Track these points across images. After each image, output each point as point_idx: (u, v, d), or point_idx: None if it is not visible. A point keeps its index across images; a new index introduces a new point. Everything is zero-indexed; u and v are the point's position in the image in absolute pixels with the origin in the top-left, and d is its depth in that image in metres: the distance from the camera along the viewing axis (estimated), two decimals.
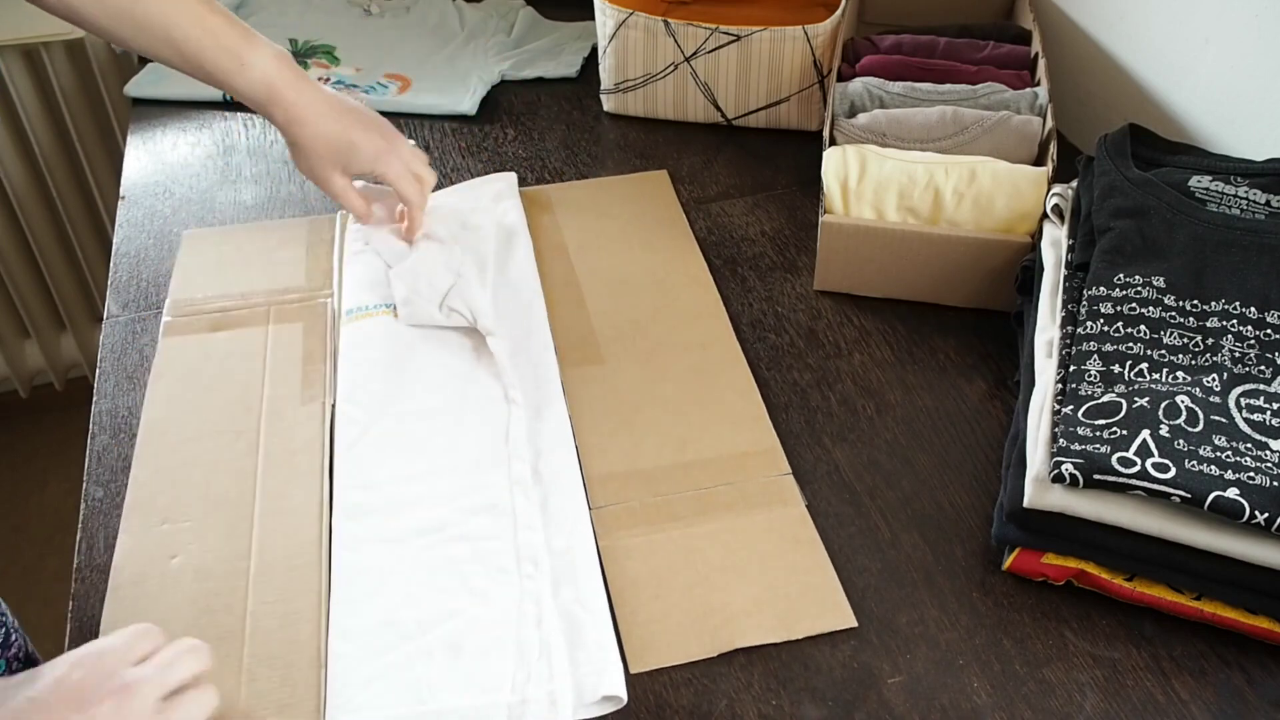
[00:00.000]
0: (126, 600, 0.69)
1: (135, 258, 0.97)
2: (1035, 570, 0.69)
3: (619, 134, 1.13)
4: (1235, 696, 0.64)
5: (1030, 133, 0.91)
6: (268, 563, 0.71)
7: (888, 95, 0.96)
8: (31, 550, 0.86)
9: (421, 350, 0.84)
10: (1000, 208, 0.85)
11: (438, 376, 0.82)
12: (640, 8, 1.08)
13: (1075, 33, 1.09)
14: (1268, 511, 0.59)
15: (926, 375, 0.85)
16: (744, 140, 1.12)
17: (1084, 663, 0.66)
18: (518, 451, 0.75)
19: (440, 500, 0.73)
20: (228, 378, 0.83)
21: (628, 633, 0.67)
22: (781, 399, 0.83)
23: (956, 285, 0.89)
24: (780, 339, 0.88)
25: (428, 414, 0.79)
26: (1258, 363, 0.68)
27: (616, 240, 0.98)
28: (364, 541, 0.71)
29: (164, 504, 0.74)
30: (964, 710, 0.63)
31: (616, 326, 0.88)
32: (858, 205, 0.88)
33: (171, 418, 0.80)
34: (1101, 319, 0.71)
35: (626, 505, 0.74)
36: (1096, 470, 0.62)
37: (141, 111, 1.17)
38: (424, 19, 1.31)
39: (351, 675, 0.64)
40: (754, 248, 0.98)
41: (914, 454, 0.79)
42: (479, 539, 0.71)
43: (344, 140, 0.84)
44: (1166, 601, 0.66)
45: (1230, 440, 0.63)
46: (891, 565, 0.71)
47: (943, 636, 0.67)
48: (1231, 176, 0.77)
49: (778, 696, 0.64)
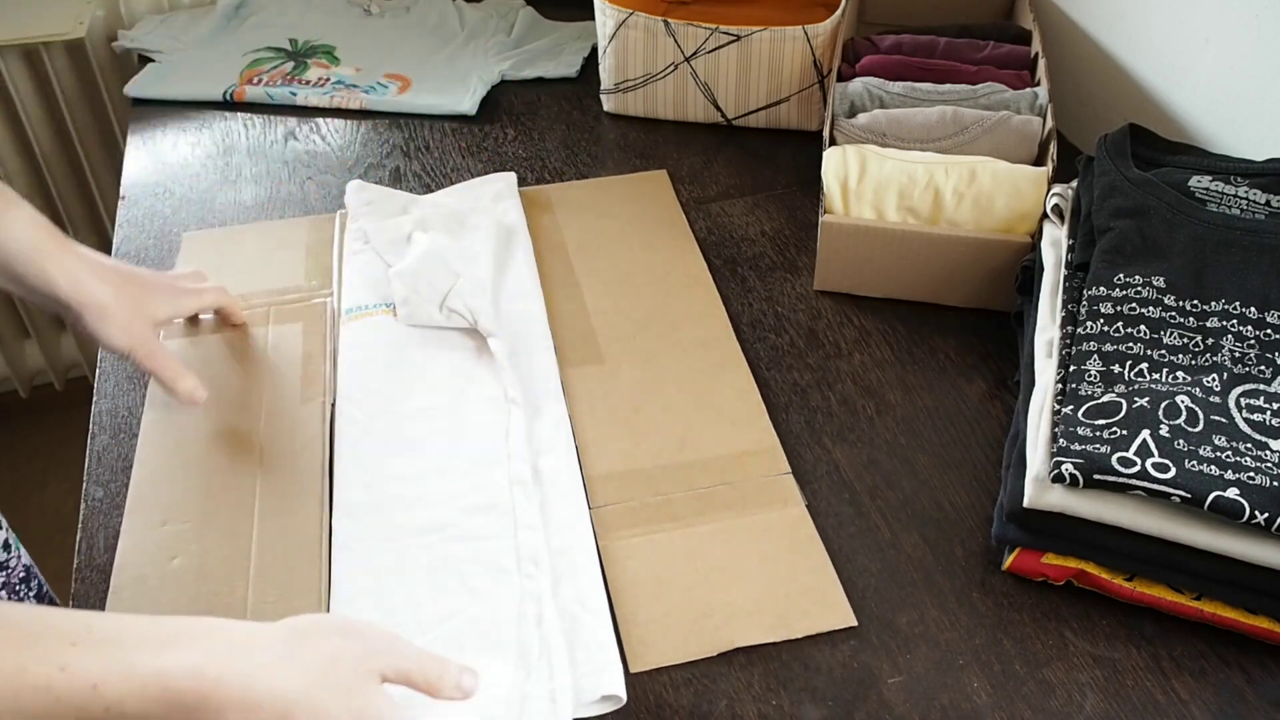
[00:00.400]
0: (127, 600, 0.69)
1: (135, 258, 0.97)
2: (1035, 570, 0.69)
3: (619, 134, 1.13)
4: (1235, 696, 0.64)
5: (1030, 133, 0.91)
6: (268, 563, 0.71)
7: (888, 95, 0.96)
8: (31, 550, 0.86)
9: (421, 350, 0.84)
10: (1000, 208, 0.85)
11: (437, 376, 0.82)
12: (640, 8, 1.08)
13: (1075, 33, 1.09)
14: (1268, 511, 0.59)
15: (926, 375, 0.85)
16: (744, 140, 1.12)
17: (1084, 663, 0.66)
18: (517, 451, 0.75)
19: (440, 500, 0.73)
20: (228, 378, 0.83)
21: (628, 632, 0.67)
22: (781, 399, 0.83)
23: (956, 285, 0.89)
24: (780, 339, 0.88)
25: (427, 413, 0.79)
26: (1258, 363, 0.68)
27: (616, 240, 0.98)
28: (364, 541, 0.71)
29: (164, 504, 0.74)
30: (964, 710, 0.63)
31: (616, 326, 0.88)
32: (858, 205, 0.88)
33: (172, 418, 0.80)
34: (1101, 319, 0.71)
35: (627, 505, 0.74)
36: (1096, 470, 0.62)
37: (141, 111, 1.17)
38: (424, 19, 1.31)
39: None
40: (754, 248, 0.98)
41: (914, 454, 0.79)
42: (479, 539, 0.71)
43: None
44: (1166, 601, 0.66)
45: (1230, 440, 0.63)
46: (891, 565, 0.71)
47: (943, 636, 0.67)
48: (1231, 176, 0.77)
49: (778, 696, 0.64)
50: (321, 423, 0.80)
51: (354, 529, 0.72)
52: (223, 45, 1.27)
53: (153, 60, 1.24)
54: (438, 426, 0.78)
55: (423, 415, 0.79)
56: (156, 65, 1.23)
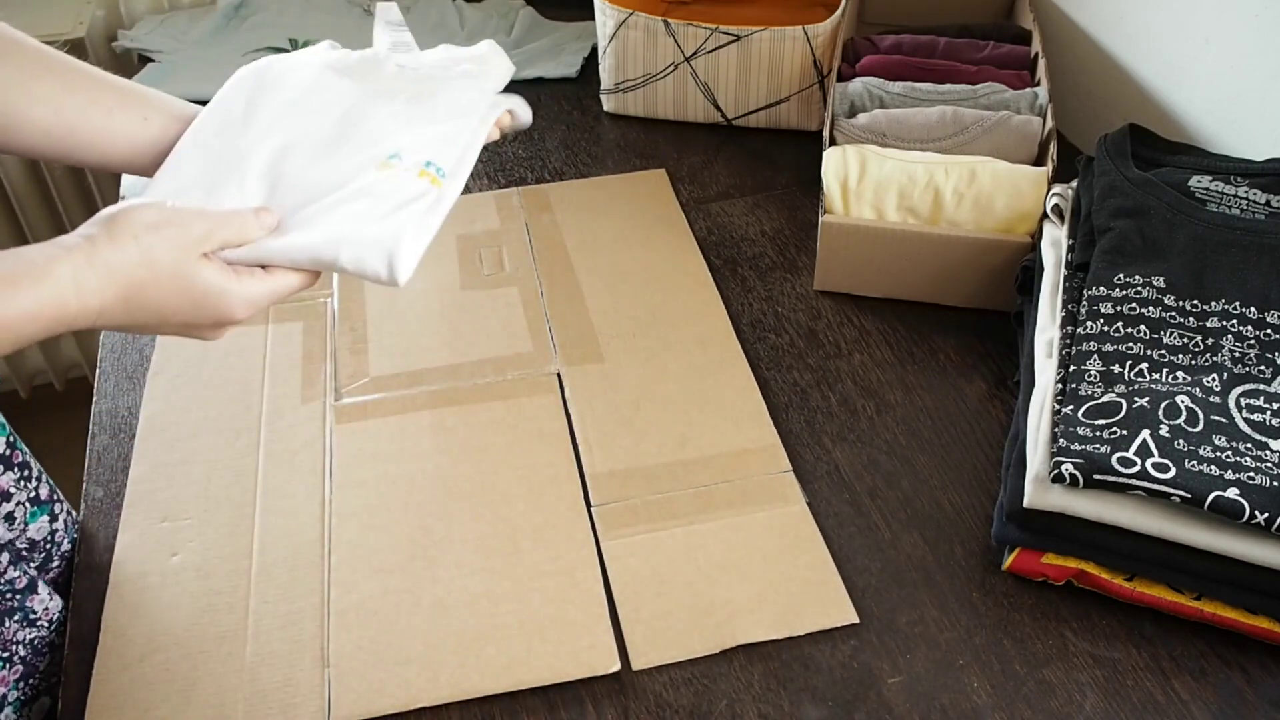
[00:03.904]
0: (127, 597, 0.69)
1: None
2: (1035, 570, 0.69)
3: (619, 134, 1.13)
4: (1235, 696, 0.64)
5: (1030, 133, 0.91)
6: (269, 561, 0.71)
7: (888, 95, 0.96)
8: None
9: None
10: (1000, 208, 0.85)
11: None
12: (640, 8, 1.08)
13: (1075, 33, 1.09)
14: (1268, 511, 0.59)
15: (926, 375, 0.85)
16: (744, 140, 1.12)
17: (1084, 663, 0.66)
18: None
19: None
20: (227, 376, 0.83)
21: (629, 630, 0.67)
22: (781, 399, 0.83)
23: (956, 285, 0.89)
24: (780, 339, 0.88)
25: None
26: (1258, 363, 0.68)
27: (616, 239, 0.98)
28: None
29: (164, 500, 0.74)
30: (964, 710, 0.63)
31: (616, 325, 0.88)
32: (858, 205, 0.88)
33: (170, 414, 0.80)
34: (1101, 319, 0.71)
35: (627, 503, 0.74)
36: (1096, 470, 0.62)
37: None
38: (424, 19, 1.31)
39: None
40: (754, 248, 0.98)
41: (914, 454, 0.79)
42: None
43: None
44: (1166, 601, 0.66)
45: (1230, 440, 0.63)
46: (891, 565, 0.71)
47: (943, 636, 0.67)
48: (1231, 176, 0.77)
49: (778, 696, 0.64)
50: (321, 423, 0.80)
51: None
52: (223, 45, 1.27)
53: (153, 60, 1.24)
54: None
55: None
56: (156, 65, 1.23)
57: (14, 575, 0.69)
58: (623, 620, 0.67)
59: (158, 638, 0.67)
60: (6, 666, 0.70)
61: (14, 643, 0.70)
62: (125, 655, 0.66)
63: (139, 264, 0.54)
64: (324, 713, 0.63)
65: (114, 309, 0.54)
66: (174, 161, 0.64)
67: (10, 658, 0.70)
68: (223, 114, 0.67)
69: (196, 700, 0.64)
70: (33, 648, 0.71)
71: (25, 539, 0.76)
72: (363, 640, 0.66)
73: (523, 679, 0.65)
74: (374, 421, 0.80)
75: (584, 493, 0.75)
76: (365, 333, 0.88)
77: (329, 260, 0.60)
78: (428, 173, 0.64)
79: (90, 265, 0.52)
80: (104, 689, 0.64)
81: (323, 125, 0.66)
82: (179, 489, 0.75)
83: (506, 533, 0.73)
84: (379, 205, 0.62)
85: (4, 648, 0.70)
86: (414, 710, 0.64)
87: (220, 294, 0.56)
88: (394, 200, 0.62)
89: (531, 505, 0.74)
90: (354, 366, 0.85)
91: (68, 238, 0.54)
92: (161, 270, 0.54)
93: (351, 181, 0.63)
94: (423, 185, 0.63)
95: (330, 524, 0.73)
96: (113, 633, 0.67)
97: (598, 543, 0.72)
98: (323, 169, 0.64)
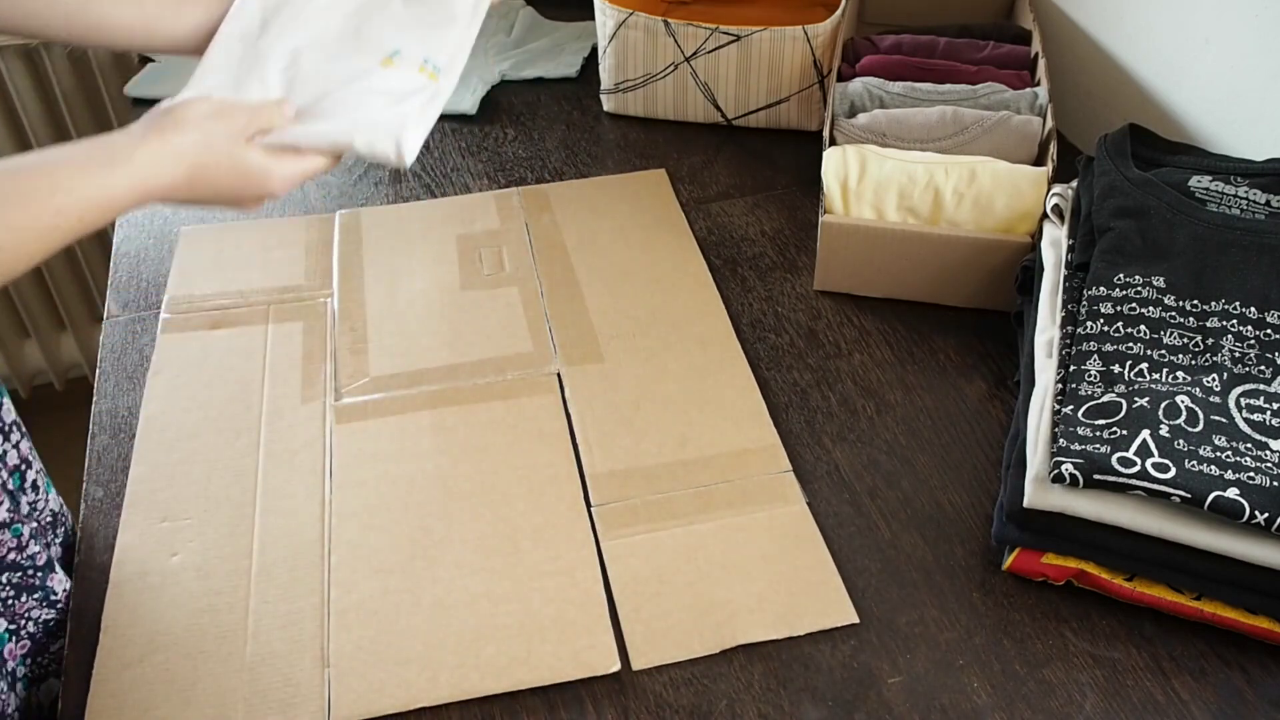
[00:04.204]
0: (127, 597, 0.69)
1: (135, 258, 0.97)
2: (1035, 570, 0.69)
3: (619, 134, 1.13)
4: (1235, 696, 0.64)
5: (1030, 133, 0.91)
6: (269, 561, 0.71)
7: (888, 95, 0.96)
8: None
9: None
10: (1000, 208, 0.85)
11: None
12: (640, 8, 1.08)
13: (1075, 33, 1.09)
14: (1268, 511, 0.59)
15: (926, 375, 0.85)
16: (744, 140, 1.12)
17: (1084, 663, 0.66)
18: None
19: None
20: (227, 376, 0.83)
21: (629, 630, 0.67)
22: (781, 399, 0.83)
23: (956, 285, 0.89)
24: (780, 339, 0.88)
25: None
26: (1258, 363, 0.68)
27: (616, 239, 0.98)
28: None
29: (164, 500, 0.74)
30: (964, 710, 0.63)
31: (616, 325, 0.88)
32: (858, 205, 0.88)
33: (170, 414, 0.80)
34: (1101, 319, 0.71)
35: (627, 503, 0.74)
36: (1096, 470, 0.62)
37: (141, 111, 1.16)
38: None
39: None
40: (754, 248, 0.98)
41: (914, 454, 0.79)
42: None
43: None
44: (1166, 601, 0.66)
45: (1230, 440, 0.63)
46: (891, 565, 0.71)
47: (943, 636, 0.67)
48: (1231, 176, 0.77)
49: (778, 696, 0.64)
50: (321, 422, 0.80)
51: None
52: None
53: (152, 60, 1.24)
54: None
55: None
56: (156, 65, 1.23)
57: (35, 550, 0.70)
58: (623, 620, 0.67)
59: (158, 637, 0.67)
60: (14, 639, 0.70)
61: (25, 618, 0.71)
62: (125, 655, 0.66)
63: (202, 148, 0.65)
64: (324, 713, 0.63)
65: (180, 186, 0.64)
66: (206, 63, 0.75)
67: (19, 631, 0.71)
68: (244, 21, 0.77)
69: (196, 700, 0.64)
70: (45, 627, 0.72)
71: (48, 511, 0.76)
72: (363, 640, 0.67)
73: (523, 679, 0.65)
74: (374, 421, 0.80)
75: (584, 493, 0.75)
76: (365, 333, 0.88)
77: (345, 144, 0.70)
78: (425, 69, 0.76)
79: (163, 150, 0.63)
80: (104, 689, 0.64)
81: (329, 27, 0.77)
82: (179, 489, 0.75)
83: (506, 533, 0.73)
84: (385, 97, 0.73)
85: (13, 620, 0.70)
86: (414, 710, 0.64)
87: (264, 172, 0.68)
88: (398, 92, 0.73)
89: (531, 505, 0.74)
90: (354, 366, 0.85)
91: (135, 126, 0.65)
92: (220, 153, 0.66)
93: (360, 78, 0.74)
94: (422, 80, 0.75)
95: (330, 524, 0.73)
96: (113, 633, 0.67)
97: (598, 543, 0.72)
98: (334, 65, 0.75)
